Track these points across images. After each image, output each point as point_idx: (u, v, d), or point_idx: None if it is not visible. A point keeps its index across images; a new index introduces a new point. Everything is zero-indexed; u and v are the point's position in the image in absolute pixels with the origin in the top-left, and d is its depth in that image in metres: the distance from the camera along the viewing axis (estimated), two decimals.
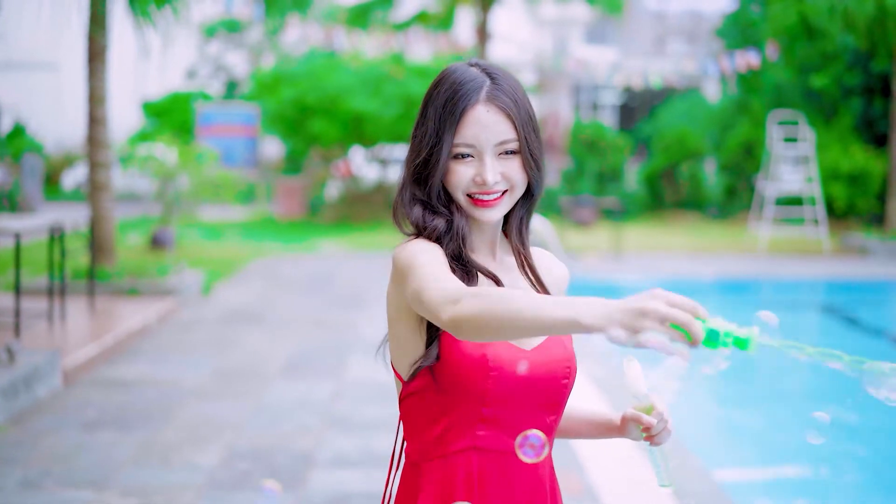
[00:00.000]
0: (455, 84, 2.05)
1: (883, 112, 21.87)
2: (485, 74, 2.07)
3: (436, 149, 2.04)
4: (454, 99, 2.03)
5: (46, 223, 9.11)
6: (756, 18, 24.45)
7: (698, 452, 6.03)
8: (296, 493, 5.21)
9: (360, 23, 20.34)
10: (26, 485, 5.26)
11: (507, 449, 2.03)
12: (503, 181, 2.05)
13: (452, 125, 2.03)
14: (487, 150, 2.03)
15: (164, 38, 10.93)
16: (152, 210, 17.24)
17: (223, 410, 6.84)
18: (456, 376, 1.99)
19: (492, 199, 2.06)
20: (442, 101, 2.04)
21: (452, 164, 2.05)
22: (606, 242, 17.67)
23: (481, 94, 2.03)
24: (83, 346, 8.03)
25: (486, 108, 2.03)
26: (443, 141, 2.03)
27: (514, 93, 2.06)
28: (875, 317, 12.69)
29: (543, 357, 2.05)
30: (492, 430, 2.03)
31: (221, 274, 13.47)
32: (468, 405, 2.01)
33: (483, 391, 1.99)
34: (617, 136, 25.33)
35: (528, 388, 2.03)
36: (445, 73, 2.09)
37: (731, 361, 1.89)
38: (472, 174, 2.04)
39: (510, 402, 2.02)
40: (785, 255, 17.03)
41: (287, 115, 21.84)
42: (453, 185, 2.06)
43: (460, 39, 22.92)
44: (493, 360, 1.98)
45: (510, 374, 2.00)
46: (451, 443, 2.04)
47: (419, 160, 2.07)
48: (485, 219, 2.07)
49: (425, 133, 2.06)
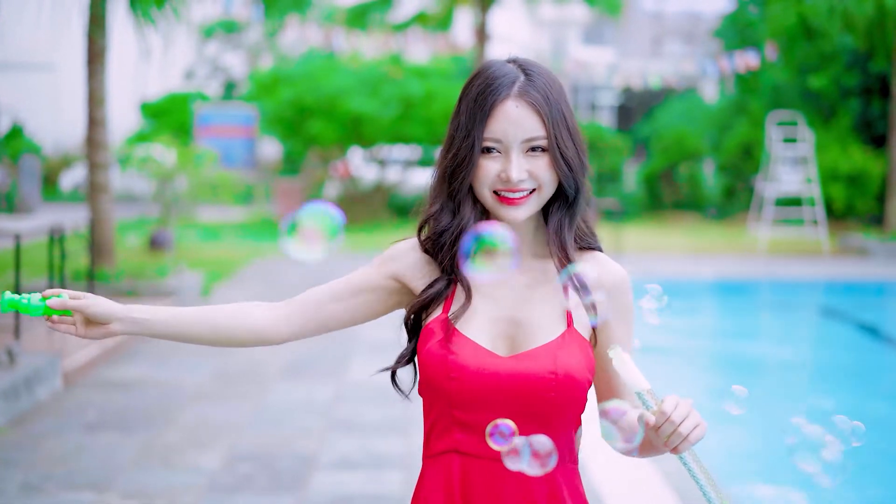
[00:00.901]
0: (489, 78, 2.03)
1: (882, 113, 21.87)
2: (520, 70, 2.05)
3: (465, 142, 2.02)
4: (485, 93, 2.02)
5: (46, 224, 9.09)
6: (754, 19, 24.45)
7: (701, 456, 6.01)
8: (297, 495, 5.20)
9: (358, 23, 20.33)
10: (27, 487, 5.25)
11: (492, 455, 2.01)
12: (530, 179, 2.01)
13: (482, 119, 2.01)
14: (514, 145, 2.01)
15: (164, 38, 10.92)
16: (151, 211, 17.22)
17: (224, 412, 6.82)
18: (424, 376, 2.05)
19: (518, 197, 2.02)
20: (474, 95, 2.03)
21: (480, 159, 2.02)
22: (605, 243, 17.59)
23: (513, 90, 2.01)
24: (83, 347, 8.01)
25: (515, 104, 2.01)
26: (472, 135, 2.01)
27: (548, 90, 2.03)
28: (874, 317, 12.69)
29: (522, 366, 2.01)
30: (469, 435, 2.03)
31: (220, 275, 13.46)
32: (440, 406, 2.05)
33: (448, 393, 2.01)
34: (615, 137, 25.33)
35: (500, 395, 2.00)
36: (482, 68, 2.08)
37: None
38: (497, 169, 2.01)
39: (483, 408, 2.00)
40: (784, 256, 17.03)
41: (285, 116, 21.82)
42: (480, 180, 2.03)
43: (459, 40, 22.92)
44: (454, 362, 2.00)
45: (473, 378, 2.00)
46: (434, 443, 2.08)
47: (450, 154, 2.05)
48: (510, 217, 2.03)
49: (457, 127, 2.05)
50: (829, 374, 9.61)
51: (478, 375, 2.00)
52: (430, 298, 2.08)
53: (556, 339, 2.02)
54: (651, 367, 6.14)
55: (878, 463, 6.74)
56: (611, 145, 24.52)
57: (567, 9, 30.33)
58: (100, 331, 2.07)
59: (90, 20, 10.78)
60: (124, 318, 2.09)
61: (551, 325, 2.04)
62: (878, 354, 10.50)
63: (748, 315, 13.11)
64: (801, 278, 14.94)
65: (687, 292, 14.18)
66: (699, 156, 24.10)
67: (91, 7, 10.72)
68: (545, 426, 2.01)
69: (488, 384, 2.00)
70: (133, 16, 10.86)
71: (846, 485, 6.07)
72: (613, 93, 36.50)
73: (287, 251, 2.10)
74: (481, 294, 2.08)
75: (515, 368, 2.00)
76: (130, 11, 10.86)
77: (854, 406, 8.27)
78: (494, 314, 2.06)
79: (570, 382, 2.01)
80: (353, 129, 21.36)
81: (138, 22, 10.84)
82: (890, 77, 19.37)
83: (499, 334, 2.05)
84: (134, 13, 10.83)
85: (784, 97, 22.96)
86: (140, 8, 10.76)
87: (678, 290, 14.33)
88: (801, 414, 2.08)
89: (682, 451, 1.90)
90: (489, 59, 2.11)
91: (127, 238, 16.57)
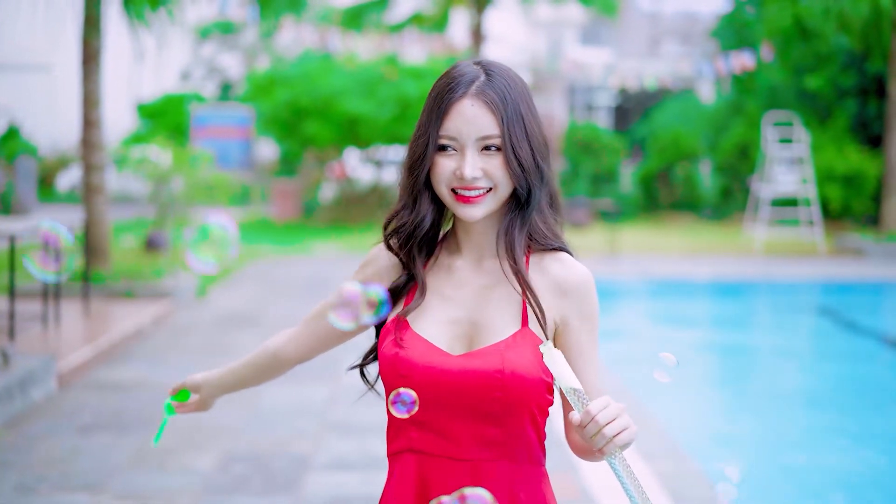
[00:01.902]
0: (450, 78, 2.07)
1: (878, 113, 21.89)
2: (482, 70, 2.07)
3: (422, 139, 2.06)
4: (444, 92, 2.05)
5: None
6: (750, 19, 24.47)
7: (696, 456, 6.02)
8: (293, 496, 5.20)
9: (354, 24, 20.33)
10: (22, 489, 5.24)
11: (448, 454, 2.04)
12: (485, 178, 2.04)
13: (438, 117, 2.04)
14: (469, 143, 2.03)
15: (158, 40, 10.91)
16: (147, 212, 17.20)
17: (219, 414, 6.81)
18: (380, 373, 2.09)
19: (474, 195, 2.04)
20: (434, 95, 2.07)
21: (437, 156, 2.05)
22: (602, 244, 17.67)
23: (470, 89, 2.04)
24: (78, 349, 8.01)
25: (471, 102, 2.03)
26: (428, 132, 2.04)
27: (507, 90, 2.05)
28: (870, 318, 12.70)
29: (470, 364, 2.02)
30: (425, 433, 2.06)
31: (216, 277, 13.45)
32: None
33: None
34: (612, 138, 25.35)
35: (452, 394, 2.02)
36: (448, 69, 2.11)
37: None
38: (453, 167, 2.04)
39: (434, 406, 2.03)
40: (780, 257, 17.04)
41: (281, 117, 21.81)
42: (437, 178, 2.06)
43: (455, 41, 22.92)
44: (404, 359, 2.03)
45: (422, 375, 2.02)
46: (393, 442, 2.11)
47: (409, 152, 2.10)
48: (466, 216, 2.05)
49: (418, 127, 2.09)
50: (824, 374, 9.62)
51: (426, 372, 2.02)
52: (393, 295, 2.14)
53: (507, 338, 2.04)
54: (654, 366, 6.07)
55: (878, 466, 6.75)
56: (607, 146, 24.55)
57: (564, 9, 30.36)
58: (197, 403, 2.51)
59: (85, 21, 10.77)
60: (202, 385, 2.50)
61: (505, 325, 2.06)
62: (872, 355, 10.50)
63: (744, 315, 13.12)
64: (797, 279, 14.95)
65: (683, 293, 14.19)
66: (695, 156, 24.12)
67: (86, 8, 10.71)
68: (498, 425, 2.03)
69: (437, 382, 2.02)
70: (127, 17, 10.85)
71: (844, 487, 6.04)
72: (610, 93, 36.51)
73: (190, 265, 2.20)
74: (441, 296, 2.11)
75: (463, 366, 2.02)
76: (124, 13, 10.85)
77: (848, 406, 8.28)
78: (454, 315, 2.09)
79: (517, 381, 2.00)
80: (350, 130, 21.36)
81: (132, 23, 10.84)
82: (886, 77, 19.38)
83: (457, 335, 2.07)
84: (128, 15, 10.82)
85: (780, 98, 22.97)
86: (133, 9, 10.76)
87: (674, 290, 14.35)
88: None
89: (607, 453, 1.87)
90: (458, 62, 2.13)
91: (123, 239, 16.55)
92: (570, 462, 5.61)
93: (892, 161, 18.44)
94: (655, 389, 8.44)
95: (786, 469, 6.52)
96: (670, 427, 6.65)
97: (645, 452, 5.79)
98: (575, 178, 24.24)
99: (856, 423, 7.79)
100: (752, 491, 6.07)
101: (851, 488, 6.18)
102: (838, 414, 8.11)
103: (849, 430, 7.59)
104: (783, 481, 6.27)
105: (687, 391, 8.88)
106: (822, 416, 8.06)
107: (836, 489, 6.14)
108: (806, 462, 6.74)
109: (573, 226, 20.38)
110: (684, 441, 6.34)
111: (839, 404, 8.37)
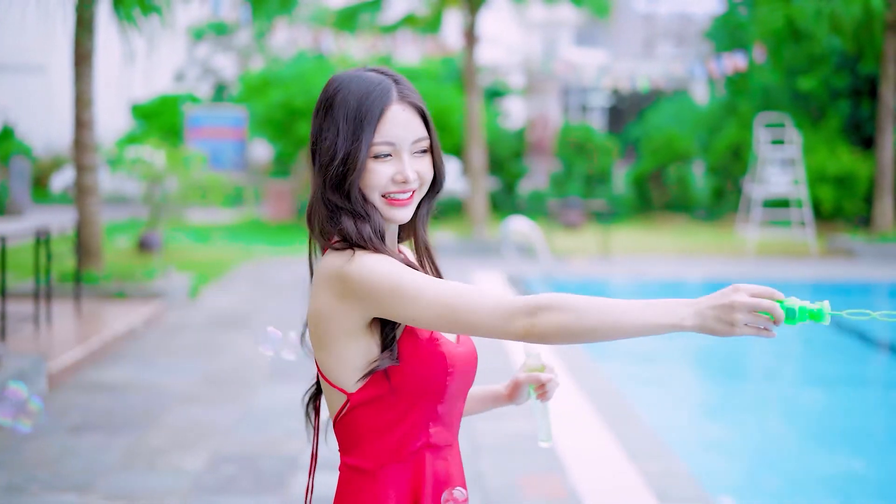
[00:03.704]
0: (364, 85, 2.07)
1: (870, 114, 21.95)
2: (387, 77, 2.11)
3: (353, 148, 2.04)
4: (369, 99, 2.05)
5: (32, 226, 9.11)
6: (744, 21, 24.52)
7: (683, 457, 6.05)
8: (282, 496, 5.22)
9: (347, 25, 20.30)
10: (11, 489, 5.26)
11: (450, 443, 2.14)
12: (416, 179, 2.10)
13: (371, 124, 2.04)
14: (405, 148, 2.07)
15: (149, 42, 10.92)
16: (140, 213, 17.22)
17: (210, 415, 6.84)
18: (419, 377, 2.04)
19: (406, 198, 2.10)
20: (354, 104, 2.05)
21: (371, 163, 2.07)
22: (594, 245, 17.71)
23: (394, 94, 2.07)
24: (69, 349, 8.03)
25: (401, 108, 2.07)
26: (361, 141, 2.04)
27: (417, 93, 2.13)
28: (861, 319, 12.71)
29: (469, 348, 2.16)
30: (440, 427, 2.11)
31: (209, 277, 13.47)
32: (426, 404, 2.07)
33: (443, 389, 2.06)
34: (605, 139, 25.39)
35: (467, 380, 2.15)
36: (344, 79, 2.10)
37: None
38: (391, 173, 2.07)
39: (456, 397, 2.13)
40: (772, 258, 17.09)
41: (275, 118, 21.83)
42: (370, 185, 2.07)
43: (448, 42, 22.94)
44: (450, 358, 2.07)
45: (462, 369, 2.11)
46: (409, 444, 2.08)
47: (335, 164, 2.06)
48: (399, 218, 2.11)
49: (336, 136, 2.06)
50: (813, 376, 9.65)
51: (464, 364, 2.11)
52: None
53: None
54: (644, 371, 6.15)
55: (868, 467, 6.78)
56: (600, 147, 24.58)
57: (558, 10, 30.40)
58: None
59: (77, 22, 10.79)
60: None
61: None
62: (867, 356, 10.54)
63: None
64: (789, 280, 14.99)
65: (676, 294, 14.22)
66: (688, 157, 24.17)
67: (77, 9, 10.73)
68: (463, 404, 2.19)
69: (466, 373, 2.13)
70: (117, 19, 10.86)
71: (835, 490, 6.05)
72: (604, 94, 36.54)
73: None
74: None
75: (470, 351, 2.16)
76: (115, 14, 10.86)
77: (842, 405, 8.32)
78: None
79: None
80: None
81: (122, 25, 10.85)
82: (878, 79, 19.44)
83: None
84: (118, 17, 10.83)
85: (774, 99, 23.03)
86: (124, 12, 10.77)
87: (667, 291, 14.38)
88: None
89: (550, 398, 2.36)
90: (341, 73, 2.13)
91: (117, 240, 16.57)
92: (558, 462, 5.64)
93: (883, 162, 18.49)
94: (644, 390, 8.48)
95: (774, 470, 6.55)
96: (658, 427, 6.68)
97: (632, 452, 5.82)
98: (568, 178, 24.28)
99: (845, 425, 7.83)
100: (741, 491, 6.11)
101: (840, 489, 6.21)
102: (828, 415, 8.14)
103: (839, 432, 7.62)
104: (771, 482, 6.30)
105: (675, 392, 8.92)
106: (810, 417, 8.09)
107: (824, 489, 6.18)
108: (794, 463, 6.78)
109: (566, 227, 20.42)
110: (672, 441, 6.37)
111: (829, 405, 8.41)
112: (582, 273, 15.07)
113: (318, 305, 2.04)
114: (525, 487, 5.29)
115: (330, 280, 2.02)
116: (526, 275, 14.45)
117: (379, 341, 2.03)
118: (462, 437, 6.18)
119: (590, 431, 6.30)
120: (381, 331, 2.04)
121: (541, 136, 28.15)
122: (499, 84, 28.76)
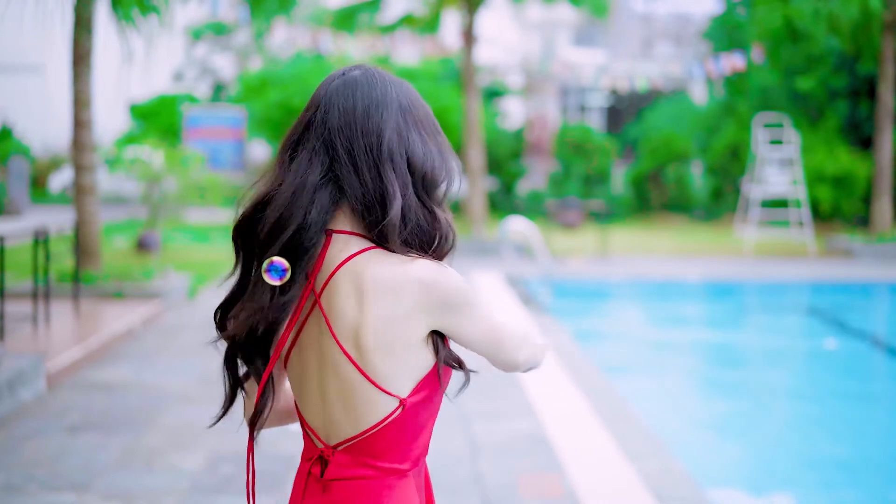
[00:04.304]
0: (416, 94, 2.14)
1: (868, 114, 21.96)
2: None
3: (445, 157, 2.06)
4: (429, 109, 2.12)
5: (31, 226, 9.10)
6: (742, 21, 24.54)
7: (681, 456, 6.06)
8: (279, 496, 5.22)
9: (346, 26, 20.32)
10: (9, 488, 5.26)
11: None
12: None
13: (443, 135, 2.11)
14: None
15: (147, 42, 10.92)
16: (139, 213, 17.22)
17: (207, 415, 6.83)
18: (447, 374, 2.05)
19: None
20: (424, 112, 2.09)
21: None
22: (593, 245, 17.72)
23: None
24: (67, 349, 8.02)
25: None
26: (446, 153, 2.07)
27: None
28: (859, 319, 12.75)
29: None
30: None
31: (207, 277, 13.46)
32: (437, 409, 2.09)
33: (445, 385, 2.07)
34: (604, 139, 25.40)
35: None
36: (395, 81, 2.15)
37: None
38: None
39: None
40: (770, 258, 17.09)
41: (274, 118, 21.84)
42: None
43: (446, 42, 22.95)
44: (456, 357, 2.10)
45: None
46: (424, 450, 2.07)
47: (434, 170, 2.04)
48: None
49: (425, 143, 2.05)
50: (813, 375, 9.66)
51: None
52: None
53: None
54: (643, 371, 6.17)
55: (867, 463, 6.79)
56: (599, 147, 24.60)
57: (556, 10, 30.40)
58: None
59: (75, 22, 10.78)
60: None
61: None
62: (864, 356, 10.55)
63: (734, 316, 13.16)
64: (788, 280, 15.00)
65: (674, 294, 14.22)
66: (687, 158, 24.18)
67: (76, 9, 10.73)
68: None
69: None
70: (115, 19, 10.86)
71: (832, 489, 6.08)
72: (602, 94, 36.56)
73: None
74: None
75: None
76: (113, 14, 10.86)
77: (838, 405, 8.32)
78: None
79: None
80: None
81: (121, 25, 10.85)
82: (877, 79, 19.45)
83: None
84: (116, 16, 10.83)
85: (772, 99, 23.05)
86: (122, 11, 10.77)
87: (665, 291, 14.39)
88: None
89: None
90: (372, 70, 2.19)
91: (115, 240, 16.56)
92: (556, 462, 5.65)
93: (882, 162, 18.51)
94: (642, 390, 8.49)
95: (772, 466, 6.56)
96: (655, 427, 6.69)
97: (630, 452, 5.83)
98: (566, 179, 24.29)
99: (844, 422, 7.84)
100: (739, 490, 6.11)
101: (840, 489, 6.22)
102: (827, 414, 8.15)
103: (837, 429, 7.63)
104: (769, 482, 6.31)
105: (674, 391, 8.93)
106: (810, 415, 8.10)
107: (825, 489, 6.18)
108: (793, 459, 6.78)
109: (565, 227, 20.42)
110: (669, 441, 6.37)
111: (828, 404, 8.41)
112: (580, 273, 15.07)
113: (396, 310, 1.94)
114: (523, 487, 5.29)
115: (422, 286, 1.93)
116: (524, 275, 14.45)
117: (433, 347, 2.00)
118: (461, 437, 6.19)
119: (588, 431, 6.30)
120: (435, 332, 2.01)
121: (539, 137, 28.17)
122: (497, 84, 28.78)
